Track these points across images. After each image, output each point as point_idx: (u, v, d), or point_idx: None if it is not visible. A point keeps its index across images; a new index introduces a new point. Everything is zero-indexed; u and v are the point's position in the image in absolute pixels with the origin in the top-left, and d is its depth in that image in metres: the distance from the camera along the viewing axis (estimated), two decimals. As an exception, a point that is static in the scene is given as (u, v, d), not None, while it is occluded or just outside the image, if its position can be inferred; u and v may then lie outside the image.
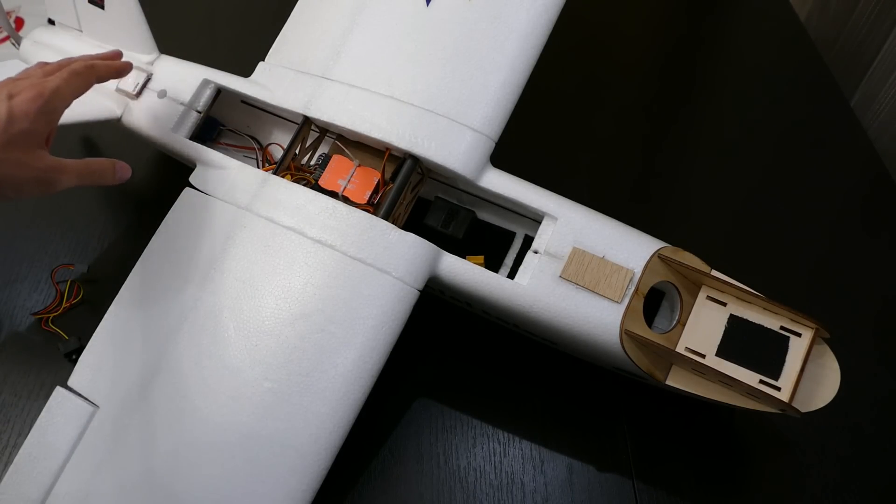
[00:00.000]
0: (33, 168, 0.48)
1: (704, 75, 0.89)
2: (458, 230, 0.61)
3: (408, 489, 0.57)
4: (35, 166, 0.48)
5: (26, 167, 0.47)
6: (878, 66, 0.87)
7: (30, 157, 0.48)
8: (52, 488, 0.52)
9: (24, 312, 0.67)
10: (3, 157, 0.46)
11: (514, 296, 0.54)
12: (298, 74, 0.63)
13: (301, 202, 0.57)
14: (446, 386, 0.63)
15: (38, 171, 0.48)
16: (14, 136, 0.47)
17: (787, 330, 0.51)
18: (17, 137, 0.47)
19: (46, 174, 0.49)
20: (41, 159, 0.48)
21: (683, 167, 0.80)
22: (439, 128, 0.58)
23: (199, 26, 0.93)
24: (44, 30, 0.74)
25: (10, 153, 0.46)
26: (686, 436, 0.60)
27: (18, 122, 0.47)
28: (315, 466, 0.51)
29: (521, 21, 0.60)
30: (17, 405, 0.62)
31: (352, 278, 0.54)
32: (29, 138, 0.47)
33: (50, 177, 0.49)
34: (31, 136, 0.48)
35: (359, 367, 0.52)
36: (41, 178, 0.48)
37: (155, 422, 0.52)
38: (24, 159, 0.47)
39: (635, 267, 0.53)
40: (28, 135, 0.47)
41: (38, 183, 0.48)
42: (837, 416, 0.52)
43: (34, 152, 0.48)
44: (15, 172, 0.47)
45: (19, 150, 0.47)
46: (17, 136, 0.47)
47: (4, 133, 0.46)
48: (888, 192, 0.76)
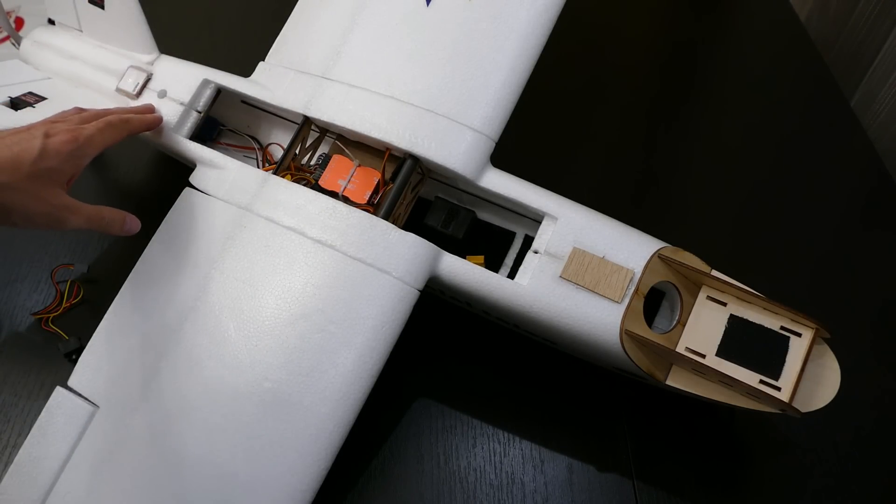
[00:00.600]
0: (48, 204, 0.50)
1: (704, 75, 0.89)
2: (459, 230, 0.61)
3: (408, 489, 0.57)
4: (51, 202, 0.50)
5: (43, 202, 0.49)
6: (878, 66, 0.87)
7: (48, 193, 0.50)
8: (52, 488, 0.52)
9: (24, 312, 0.67)
10: (24, 188, 0.48)
11: (515, 296, 0.54)
12: (298, 74, 0.63)
13: (301, 202, 0.57)
14: (446, 386, 0.63)
15: (53, 207, 0.50)
16: (40, 171, 0.49)
17: (788, 330, 0.51)
18: (43, 173, 0.49)
19: (59, 212, 0.51)
20: (58, 197, 0.50)
21: (683, 167, 0.80)
22: (439, 128, 0.58)
23: (199, 26, 0.93)
24: (44, 30, 0.74)
25: (32, 185, 0.48)
26: (686, 436, 0.60)
27: (48, 160, 0.49)
28: (315, 466, 0.51)
29: (521, 21, 0.60)
30: (17, 405, 0.62)
31: (352, 278, 0.54)
32: (53, 176, 0.50)
33: (62, 215, 0.51)
34: (56, 174, 0.50)
35: (359, 367, 0.52)
36: (53, 214, 0.50)
37: (155, 422, 0.52)
38: (43, 194, 0.49)
39: (635, 267, 0.53)
40: (53, 172, 0.50)
41: (49, 218, 0.50)
42: (837, 416, 0.52)
43: (53, 189, 0.50)
44: (30, 204, 0.49)
45: (41, 185, 0.49)
46: (43, 171, 0.49)
47: (33, 165, 0.48)
48: (888, 193, 0.76)
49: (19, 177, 0.48)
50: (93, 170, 0.78)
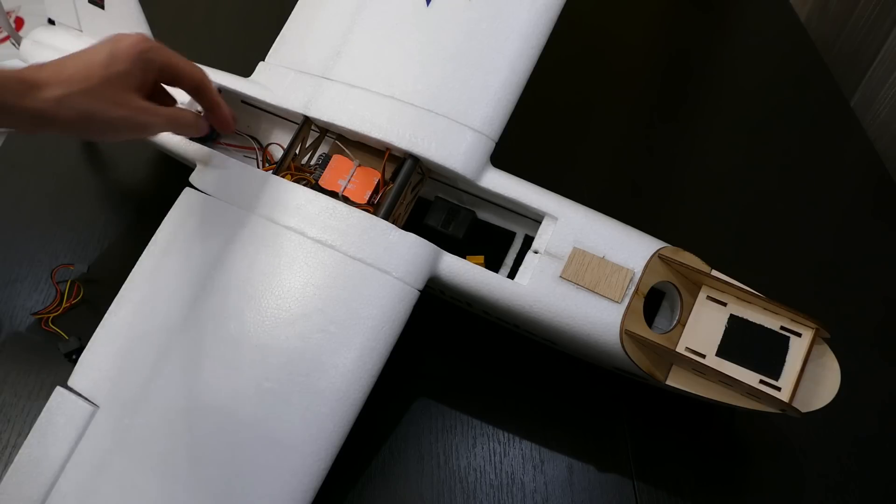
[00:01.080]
0: (128, 107, 0.50)
1: (704, 75, 0.89)
2: (459, 230, 0.61)
3: (408, 489, 0.57)
4: (130, 106, 0.50)
5: (121, 106, 0.49)
6: (878, 66, 0.87)
7: (125, 98, 0.50)
8: (52, 488, 0.52)
9: (24, 312, 0.67)
10: (100, 93, 0.48)
11: (515, 296, 0.54)
12: (298, 74, 0.63)
13: (301, 202, 0.57)
14: (446, 386, 0.63)
15: (132, 110, 0.50)
16: (112, 75, 0.49)
17: (788, 330, 0.51)
18: (115, 77, 0.49)
19: (140, 115, 0.51)
20: (135, 101, 0.51)
21: (683, 167, 0.80)
22: (439, 128, 0.58)
23: (199, 26, 0.93)
24: (44, 29, 0.74)
25: (107, 90, 0.49)
26: (686, 436, 0.60)
27: (118, 63, 0.49)
28: (315, 466, 0.51)
29: (521, 21, 0.60)
30: (18, 405, 0.62)
31: (352, 278, 0.54)
32: (126, 80, 0.50)
33: (143, 119, 0.51)
34: (129, 77, 0.50)
35: (359, 368, 0.52)
36: (134, 119, 0.50)
37: (155, 422, 0.52)
38: (119, 98, 0.49)
39: (635, 267, 0.53)
40: (126, 76, 0.49)
41: (131, 122, 0.51)
42: (837, 416, 0.52)
43: (129, 94, 0.50)
44: (109, 110, 0.49)
45: (116, 89, 0.49)
46: (115, 75, 0.49)
47: (104, 69, 0.48)
48: (888, 193, 0.76)
49: (93, 83, 0.48)
50: (93, 170, 0.79)
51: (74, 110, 0.47)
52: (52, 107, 0.47)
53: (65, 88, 0.47)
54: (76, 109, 0.48)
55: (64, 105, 0.47)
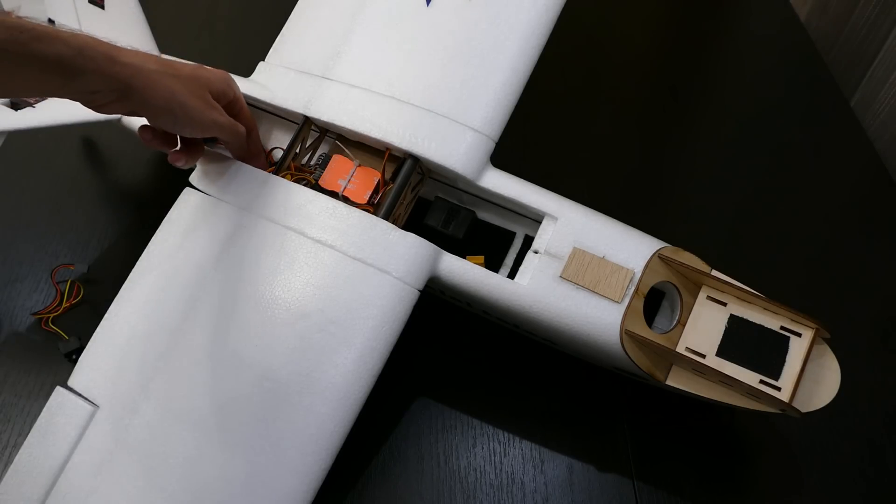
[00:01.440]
0: (203, 100, 0.53)
1: (704, 75, 0.89)
2: (459, 230, 0.61)
3: (408, 489, 0.57)
4: (205, 99, 0.53)
5: (198, 98, 0.53)
6: (878, 66, 0.87)
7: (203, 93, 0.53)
8: (52, 488, 0.52)
9: (24, 312, 0.67)
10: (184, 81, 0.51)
11: (515, 296, 0.54)
12: (298, 74, 0.63)
13: (301, 202, 0.57)
14: (446, 386, 0.63)
15: (206, 104, 0.53)
16: (197, 76, 0.53)
17: (788, 330, 0.51)
18: (199, 78, 0.53)
19: (210, 111, 0.54)
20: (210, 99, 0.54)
21: (683, 167, 0.80)
22: (439, 128, 0.58)
23: (199, 26, 0.93)
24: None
25: (190, 83, 0.52)
26: (686, 436, 0.60)
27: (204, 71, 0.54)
28: (315, 466, 0.50)
29: (521, 21, 0.60)
30: (18, 405, 0.62)
31: (352, 278, 0.54)
32: (208, 85, 0.54)
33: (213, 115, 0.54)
34: (210, 85, 0.54)
35: (359, 368, 0.52)
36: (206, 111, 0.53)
37: (155, 422, 0.52)
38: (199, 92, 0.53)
39: (635, 267, 0.53)
40: (208, 82, 0.54)
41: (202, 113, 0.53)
42: (837, 416, 0.52)
43: (206, 92, 0.54)
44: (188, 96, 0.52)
45: (197, 86, 0.53)
46: (200, 77, 0.53)
47: (192, 70, 0.53)
48: (888, 192, 0.76)
49: (182, 72, 0.52)
50: (93, 170, 0.79)
51: (161, 85, 0.50)
52: (142, 76, 0.49)
53: (157, 65, 0.50)
54: (164, 85, 0.50)
55: (152, 76, 0.49)
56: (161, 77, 0.50)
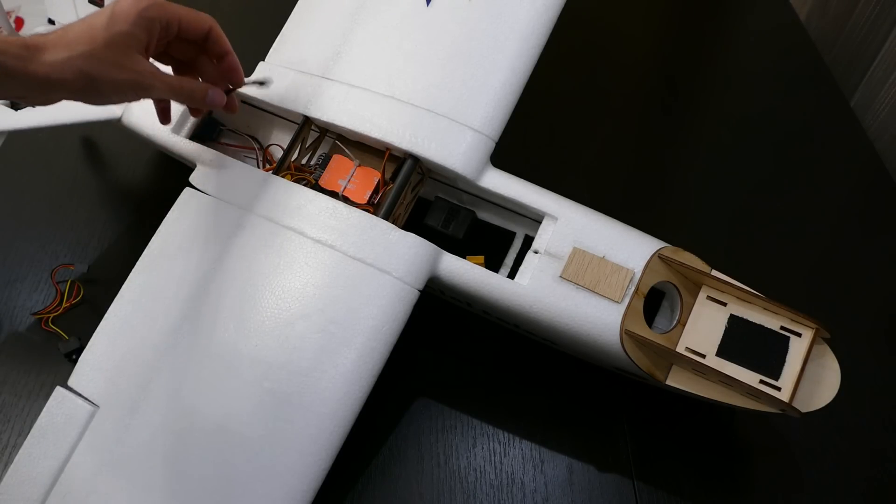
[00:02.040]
0: (131, 70, 0.50)
1: (704, 75, 0.89)
2: (459, 230, 0.61)
3: (408, 489, 0.57)
4: (133, 69, 0.50)
5: (125, 69, 0.49)
6: (878, 66, 0.87)
7: (129, 60, 0.49)
8: (52, 488, 0.52)
9: (24, 312, 0.67)
10: (103, 56, 0.48)
11: (515, 296, 0.54)
12: (298, 74, 0.63)
13: (301, 202, 0.57)
14: (446, 386, 0.63)
15: (136, 73, 0.50)
16: (114, 36, 0.49)
17: (788, 330, 0.51)
18: (117, 38, 0.49)
19: (143, 78, 0.51)
20: (139, 63, 0.50)
21: (683, 167, 0.80)
22: (439, 128, 0.58)
23: (199, 26, 0.93)
24: (44, 30, 0.74)
25: (111, 53, 0.48)
26: (686, 436, 0.60)
27: (119, 23, 0.49)
28: (315, 466, 0.50)
29: (521, 21, 0.60)
30: (17, 405, 0.62)
31: (352, 278, 0.54)
32: (129, 41, 0.49)
33: (147, 81, 0.51)
34: (131, 39, 0.49)
35: (359, 368, 0.52)
36: (138, 80, 0.50)
37: (155, 422, 0.52)
38: (124, 61, 0.49)
39: (635, 267, 0.53)
40: (128, 37, 0.49)
41: (135, 85, 0.51)
42: (837, 416, 0.52)
43: (133, 56, 0.50)
44: (113, 72, 0.49)
45: (119, 52, 0.49)
46: (117, 36, 0.49)
47: (106, 31, 0.48)
48: (888, 192, 0.76)
49: (96, 45, 0.48)
50: (93, 170, 0.79)
51: (78, 72, 0.47)
52: (56, 70, 0.47)
53: (68, 51, 0.47)
54: (80, 71, 0.47)
55: (67, 68, 0.47)
56: (77, 62, 0.47)
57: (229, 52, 0.56)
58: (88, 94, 0.50)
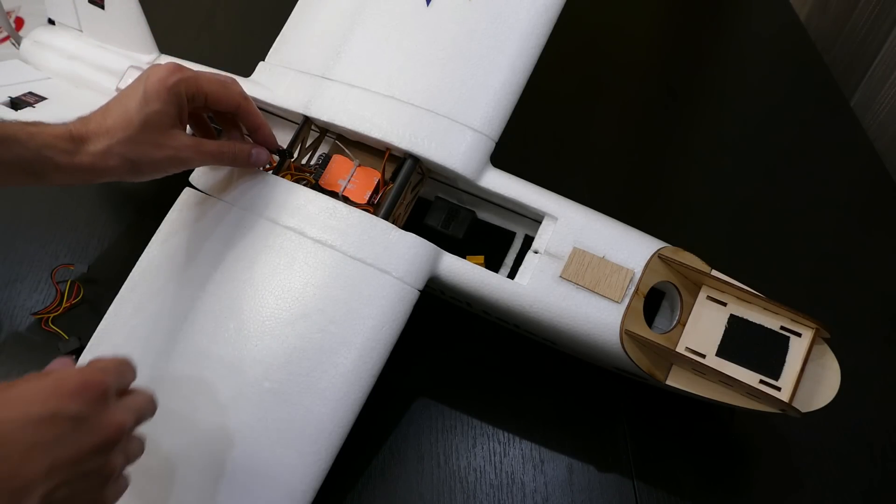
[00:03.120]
0: (169, 147, 0.51)
1: (704, 75, 0.89)
2: (459, 230, 0.61)
3: (408, 489, 0.57)
4: (171, 146, 0.51)
5: (163, 147, 0.51)
6: (878, 66, 0.87)
7: (165, 138, 0.51)
8: (52, 488, 0.52)
9: (24, 312, 0.67)
10: (142, 139, 0.50)
11: (515, 296, 0.54)
12: (298, 74, 0.63)
13: (301, 202, 0.57)
14: (446, 386, 0.63)
15: (174, 150, 0.51)
16: (149, 116, 0.50)
17: (788, 330, 0.51)
18: (152, 117, 0.50)
19: (182, 153, 0.52)
20: (176, 139, 0.51)
21: (683, 167, 0.80)
22: (439, 128, 0.58)
23: (199, 26, 0.93)
24: (44, 30, 0.74)
25: (148, 134, 0.50)
26: (686, 436, 0.60)
27: (153, 103, 0.50)
28: (315, 467, 0.50)
29: (521, 20, 0.60)
30: (17, 405, 0.62)
31: (352, 278, 0.54)
32: (162, 118, 0.50)
33: (185, 156, 0.52)
34: (164, 115, 0.50)
35: (359, 368, 0.52)
36: (176, 157, 0.52)
37: (155, 422, 0.52)
38: (161, 140, 0.50)
39: (635, 267, 0.53)
40: (162, 115, 0.50)
41: (174, 161, 0.52)
42: (838, 415, 0.52)
43: (169, 132, 0.51)
44: (152, 152, 0.50)
45: (156, 132, 0.50)
46: (152, 115, 0.50)
47: (140, 113, 0.49)
48: (888, 192, 0.76)
49: (133, 129, 0.49)
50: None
51: (120, 158, 0.49)
52: (101, 160, 0.49)
53: (108, 139, 0.49)
54: (122, 157, 0.49)
55: (110, 156, 0.49)
56: (118, 149, 0.49)
57: (261, 126, 0.57)
58: (132, 175, 0.51)
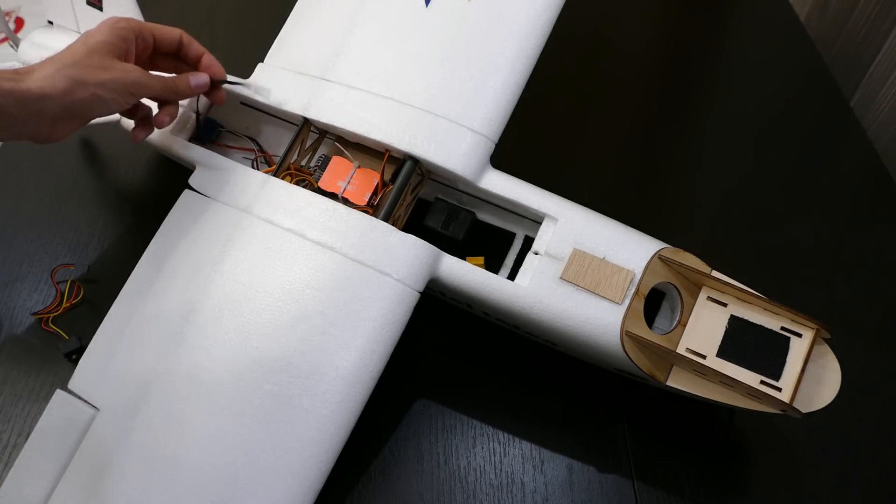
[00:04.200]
0: (117, 70, 0.53)
1: (704, 75, 0.89)
2: (459, 231, 0.61)
3: (408, 489, 0.57)
4: (118, 67, 0.53)
5: (110, 69, 0.53)
6: (878, 66, 0.87)
7: (111, 62, 0.53)
8: (52, 491, 0.52)
9: (24, 312, 0.67)
10: (88, 62, 0.52)
11: (515, 297, 0.54)
12: (297, 76, 0.63)
13: (301, 204, 0.57)
14: (446, 386, 0.63)
15: (122, 71, 0.54)
16: (93, 45, 0.53)
17: (788, 330, 0.51)
18: (95, 45, 0.53)
19: (130, 74, 0.54)
20: (122, 64, 0.54)
21: (683, 168, 0.80)
22: (439, 129, 0.58)
23: (199, 27, 0.93)
24: (42, 31, 0.74)
25: (92, 58, 0.52)
26: (686, 436, 0.60)
27: (96, 34, 0.54)
28: (316, 468, 0.51)
29: (520, 22, 0.60)
30: (18, 405, 0.62)
31: (352, 280, 0.54)
32: (106, 47, 0.53)
33: (133, 77, 0.54)
34: (108, 45, 0.53)
35: (359, 370, 0.52)
36: (124, 78, 0.54)
37: (155, 424, 0.52)
38: (107, 63, 0.53)
39: (636, 268, 0.53)
40: (105, 44, 0.53)
41: (124, 83, 0.54)
42: (838, 416, 0.52)
43: (114, 60, 0.54)
44: (101, 74, 0.52)
45: (99, 56, 0.53)
46: (97, 44, 0.53)
47: (84, 44, 0.53)
48: (888, 193, 0.76)
49: (78, 56, 0.52)
50: (92, 171, 0.79)
51: (67, 80, 0.51)
52: (48, 83, 0.50)
53: (54, 65, 0.51)
54: (69, 78, 0.51)
55: (58, 78, 0.50)
56: (63, 72, 0.51)
57: (203, 52, 0.60)
58: (84, 104, 0.52)
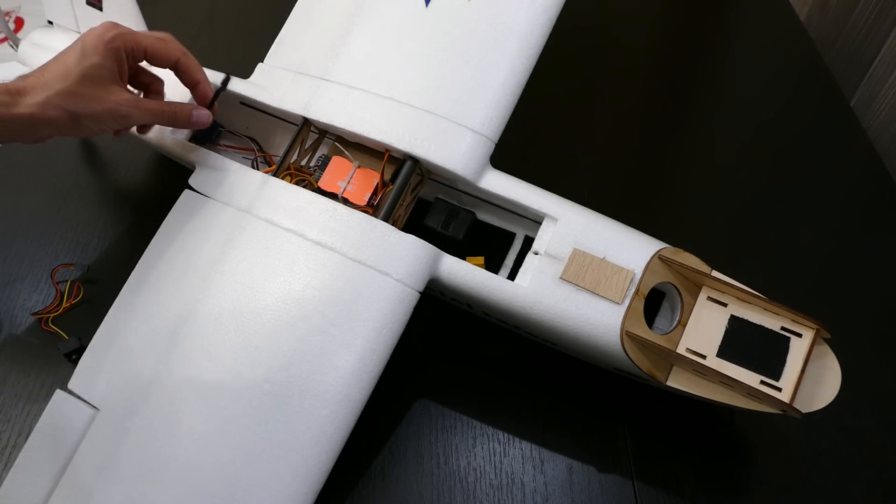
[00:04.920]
0: (109, 101, 0.53)
1: (704, 75, 0.89)
2: (458, 231, 0.61)
3: (408, 489, 0.57)
4: (110, 99, 0.53)
5: (102, 101, 0.52)
6: (878, 66, 0.87)
7: (105, 91, 0.53)
8: (52, 492, 0.52)
9: (24, 312, 0.67)
10: (79, 90, 0.51)
11: (515, 297, 0.54)
12: (297, 76, 0.63)
13: (301, 204, 0.57)
14: (446, 386, 0.63)
15: (114, 103, 0.53)
16: (87, 70, 0.52)
17: (788, 330, 0.51)
18: (91, 70, 0.52)
19: (122, 107, 0.54)
20: (116, 93, 0.54)
21: (683, 167, 0.80)
22: (439, 129, 0.58)
23: (198, 27, 0.93)
24: (42, 31, 0.74)
25: (86, 87, 0.52)
26: (686, 436, 0.60)
27: (90, 56, 0.52)
28: (316, 469, 0.51)
29: (520, 22, 0.60)
30: (18, 405, 0.62)
31: (352, 280, 0.54)
32: (102, 73, 0.52)
33: (126, 110, 0.54)
34: (102, 69, 0.52)
35: (359, 370, 0.52)
36: (117, 110, 0.53)
37: (155, 425, 0.52)
38: (100, 93, 0.52)
39: (636, 268, 0.53)
40: (101, 69, 0.52)
41: (115, 115, 0.54)
42: (838, 416, 0.52)
43: (108, 87, 0.53)
44: (90, 105, 0.52)
45: (94, 85, 0.52)
46: (90, 69, 0.52)
47: (78, 66, 0.51)
48: (888, 193, 0.76)
49: (71, 81, 0.51)
50: (92, 171, 0.79)
51: (59, 110, 0.50)
52: (40, 111, 0.50)
53: (47, 91, 0.50)
54: (61, 108, 0.51)
55: (49, 107, 0.50)
56: (56, 100, 0.50)
57: (200, 81, 0.59)
58: (73, 129, 0.53)
